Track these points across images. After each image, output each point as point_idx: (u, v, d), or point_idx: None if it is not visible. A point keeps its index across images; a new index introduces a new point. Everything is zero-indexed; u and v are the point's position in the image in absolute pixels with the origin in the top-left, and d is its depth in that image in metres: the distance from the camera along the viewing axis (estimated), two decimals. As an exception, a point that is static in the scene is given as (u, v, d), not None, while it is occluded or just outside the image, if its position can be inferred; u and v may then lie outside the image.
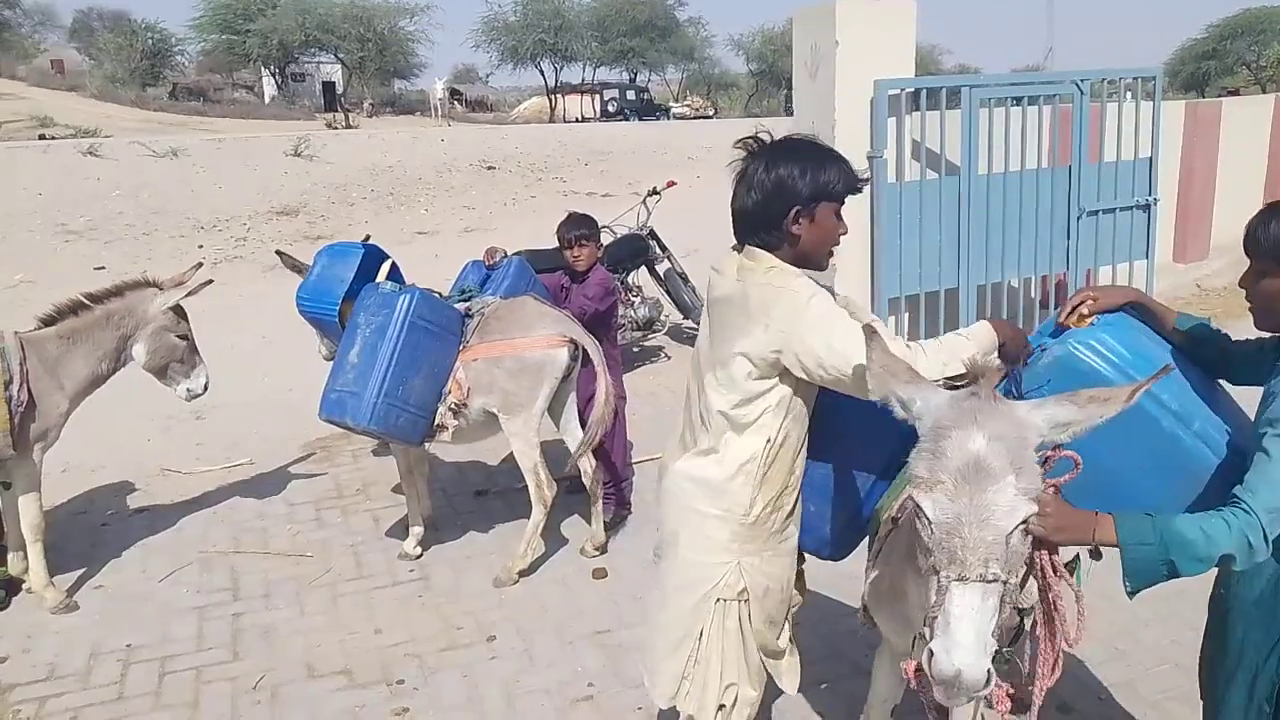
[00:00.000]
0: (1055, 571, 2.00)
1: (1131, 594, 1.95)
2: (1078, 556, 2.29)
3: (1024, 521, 1.78)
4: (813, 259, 2.39)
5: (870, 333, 2.02)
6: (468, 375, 4.32)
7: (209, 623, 4.16)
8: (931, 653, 1.76)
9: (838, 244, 2.43)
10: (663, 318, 7.90)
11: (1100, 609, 3.81)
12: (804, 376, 2.29)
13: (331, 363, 4.70)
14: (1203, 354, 2.27)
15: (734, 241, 2.45)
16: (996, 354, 2.24)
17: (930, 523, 1.80)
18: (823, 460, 2.52)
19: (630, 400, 5.30)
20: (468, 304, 4.59)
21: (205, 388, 4.74)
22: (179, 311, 4.58)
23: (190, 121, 33.58)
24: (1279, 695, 2.02)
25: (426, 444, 4.51)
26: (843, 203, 2.36)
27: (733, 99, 57.03)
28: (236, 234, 13.55)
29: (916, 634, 1.94)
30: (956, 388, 1.99)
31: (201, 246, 12.62)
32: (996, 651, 1.80)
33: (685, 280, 8.02)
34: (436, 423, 4.31)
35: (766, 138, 2.40)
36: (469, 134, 24.27)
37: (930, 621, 1.79)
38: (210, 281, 4.72)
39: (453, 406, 4.30)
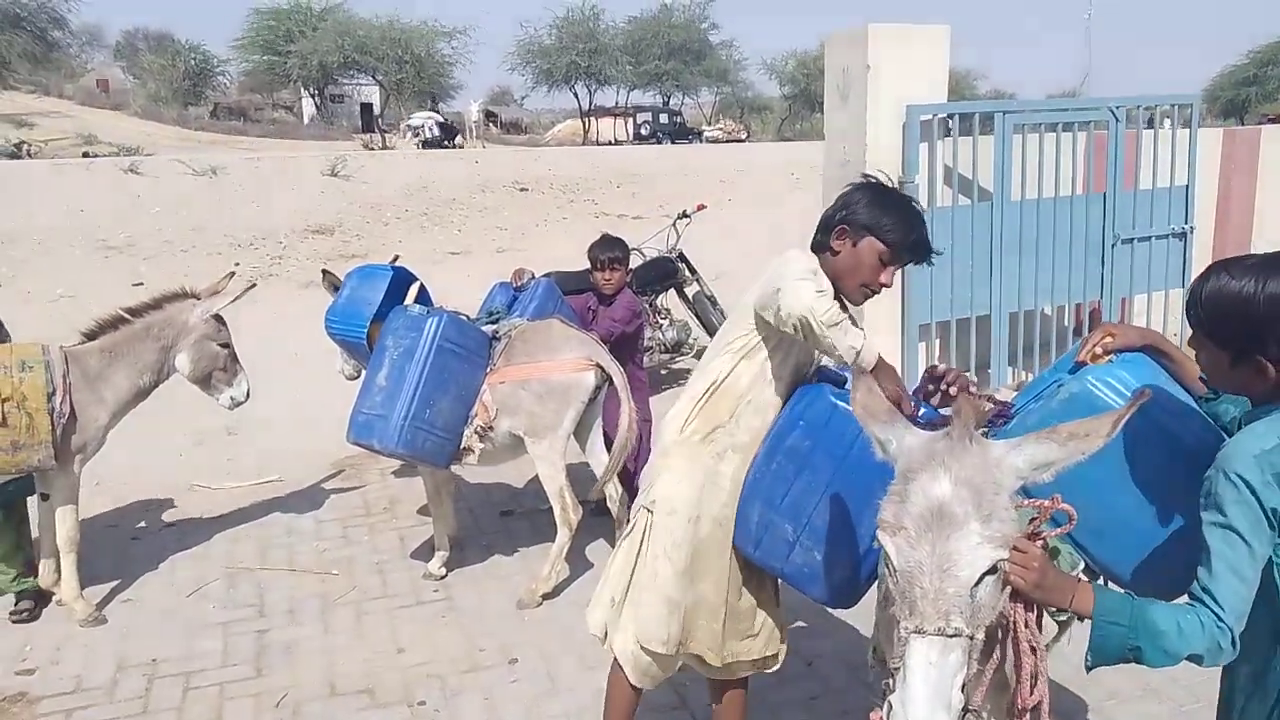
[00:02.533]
0: (1026, 628, 1.88)
1: (1090, 668, 1.86)
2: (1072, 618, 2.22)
3: (992, 570, 1.69)
4: (845, 283, 2.58)
5: (859, 372, 2.06)
6: (494, 398, 4.34)
7: (234, 638, 4.19)
8: (890, 705, 1.69)
9: (875, 289, 2.58)
10: (691, 340, 7.88)
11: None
12: (779, 325, 2.47)
13: (353, 381, 4.74)
14: (1222, 411, 2.15)
15: (765, 264, 2.65)
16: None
17: (895, 570, 1.73)
18: (825, 506, 2.48)
19: (656, 423, 5.28)
20: (495, 326, 4.61)
21: (248, 395, 4.78)
22: (220, 319, 4.63)
23: (230, 140, 34.19)
24: None
25: (453, 466, 4.53)
26: (893, 252, 2.53)
27: (765, 122, 57.10)
28: (272, 252, 13.73)
29: (884, 684, 1.85)
30: (935, 426, 1.95)
31: (238, 264, 12.75)
32: (965, 710, 1.71)
33: (714, 303, 8.01)
34: (463, 445, 4.33)
35: (883, 179, 2.67)
36: (503, 155, 24.49)
37: (893, 673, 1.73)
38: (254, 285, 4.89)
39: (479, 429, 4.32)
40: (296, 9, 43.55)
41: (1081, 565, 2.22)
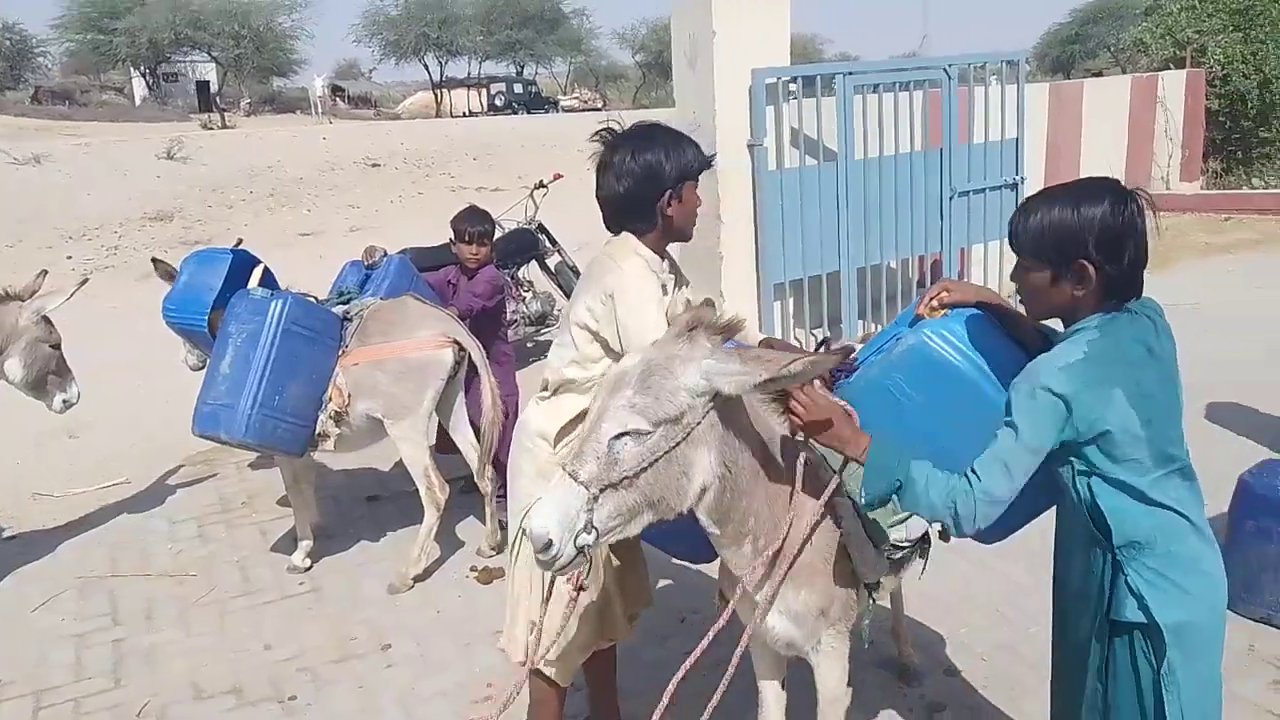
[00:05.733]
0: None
1: (865, 504, 2.08)
2: (925, 539, 2.44)
3: (634, 435, 1.93)
4: (683, 233, 2.66)
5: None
6: (349, 380, 4.23)
7: (88, 650, 3.99)
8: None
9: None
10: (555, 312, 7.85)
11: (983, 577, 3.98)
12: (617, 349, 2.50)
13: (199, 371, 4.56)
14: None
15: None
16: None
17: None
18: None
19: (524, 396, 5.25)
20: (346, 306, 4.49)
21: (78, 396, 4.60)
22: (48, 320, 4.40)
23: (56, 126, 31.89)
24: (1106, 672, 2.05)
25: (311, 453, 4.40)
26: (699, 175, 2.61)
27: (622, 91, 57.01)
28: (108, 242, 13.01)
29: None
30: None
31: (70, 257, 12.09)
32: (582, 549, 1.93)
33: (577, 273, 7.97)
34: (318, 431, 4.21)
35: (618, 128, 2.61)
36: (352, 131, 23.70)
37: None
38: (86, 281, 4.67)
39: (334, 414, 4.20)
40: (120, -18, 40.88)
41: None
